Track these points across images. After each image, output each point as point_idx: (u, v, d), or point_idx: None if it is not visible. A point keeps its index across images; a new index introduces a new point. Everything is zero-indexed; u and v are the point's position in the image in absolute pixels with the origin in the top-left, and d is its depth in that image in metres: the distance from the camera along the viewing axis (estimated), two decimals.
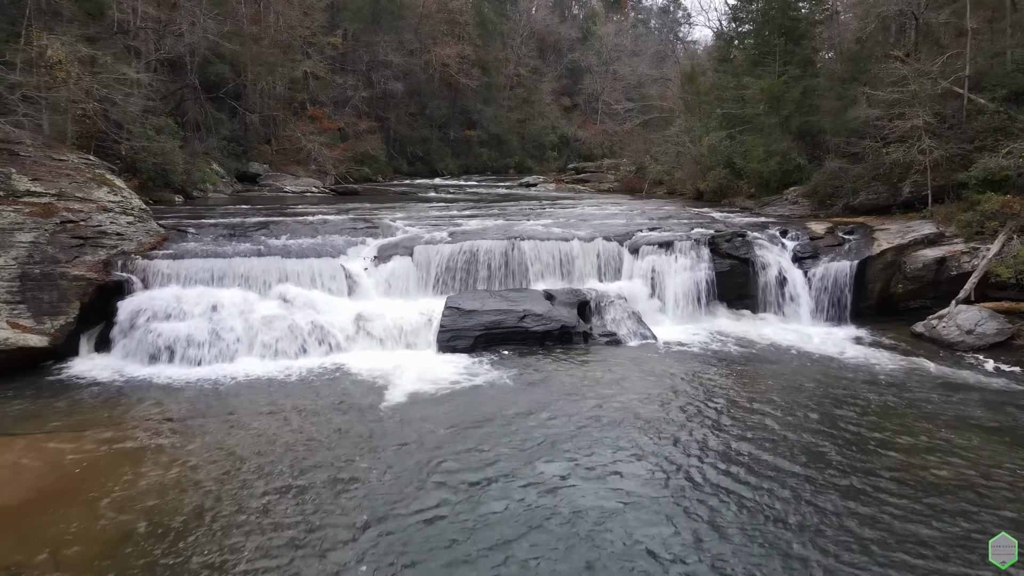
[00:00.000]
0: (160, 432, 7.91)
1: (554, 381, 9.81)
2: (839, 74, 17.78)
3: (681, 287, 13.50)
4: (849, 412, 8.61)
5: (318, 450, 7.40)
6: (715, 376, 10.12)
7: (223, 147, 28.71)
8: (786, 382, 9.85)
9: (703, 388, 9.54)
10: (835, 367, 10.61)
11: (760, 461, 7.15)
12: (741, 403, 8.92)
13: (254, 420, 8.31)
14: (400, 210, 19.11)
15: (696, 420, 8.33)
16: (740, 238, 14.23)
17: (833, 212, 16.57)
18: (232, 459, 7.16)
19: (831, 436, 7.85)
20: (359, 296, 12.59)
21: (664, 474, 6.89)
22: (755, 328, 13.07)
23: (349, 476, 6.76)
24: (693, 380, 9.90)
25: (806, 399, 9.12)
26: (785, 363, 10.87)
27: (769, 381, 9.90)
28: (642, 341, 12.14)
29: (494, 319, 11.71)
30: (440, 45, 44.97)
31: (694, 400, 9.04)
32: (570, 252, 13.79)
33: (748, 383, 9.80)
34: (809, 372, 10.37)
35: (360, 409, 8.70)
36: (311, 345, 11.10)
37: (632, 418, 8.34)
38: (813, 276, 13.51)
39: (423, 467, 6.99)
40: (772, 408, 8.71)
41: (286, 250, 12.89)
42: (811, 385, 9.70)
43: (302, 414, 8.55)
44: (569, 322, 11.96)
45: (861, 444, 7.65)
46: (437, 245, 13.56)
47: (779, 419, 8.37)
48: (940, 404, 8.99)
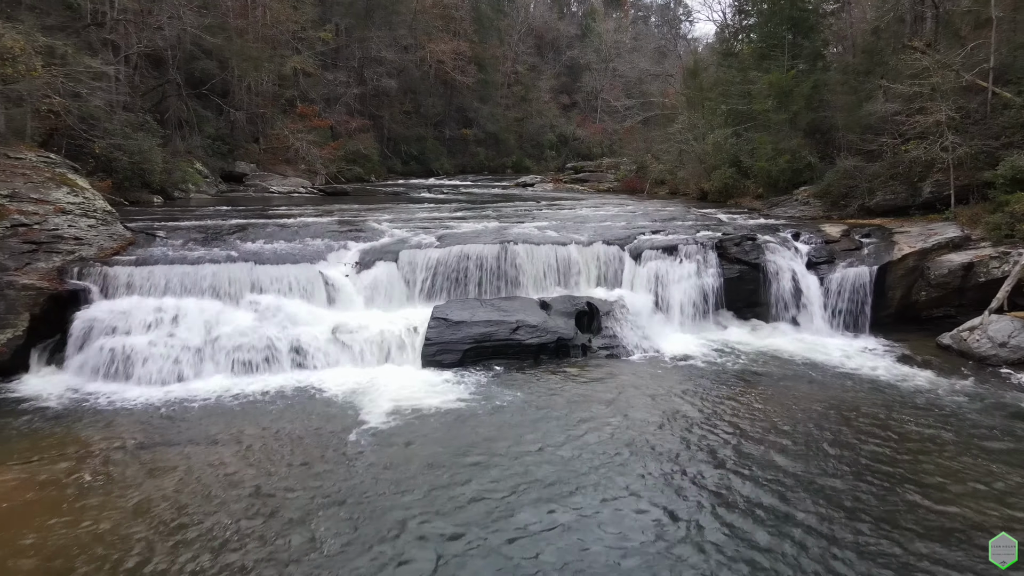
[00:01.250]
0: (103, 466, 7.03)
1: (548, 404, 8.93)
2: (853, 67, 16.93)
3: (686, 295, 12.65)
4: (878, 445, 7.65)
5: (273, 497, 6.46)
6: (724, 397, 9.25)
7: (208, 146, 27.83)
8: (804, 405, 8.98)
9: (711, 413, 8.66)
10: (857, 386, 9.73)
11: (775, 512, 6.13)
12: (754, 433, 8.03)
13: (211, 452, 7.42)
14: (389, 212, 18.25)
15: (703, 456, 7.43)
16: (749, 242, 13.37)
17: (847, 213, 15.72)
18: (171, 507, 6.21)
19: (858, 477, 6.82)
20: (339, 305, 11.71)
21: (665, 529, 5.97)
22: (767, 339, 12.21)
23: (300, 541, 5.64)
24: (701, 403, 9.03)
25: (827, 428, 8.23)
26: (801, 381, 10.00)
27: (785, 403, 9.03)
28: (645, 354, 11.28)
29: (484, 331, 10.84)
30: (435, 41, 44.09)
31: (701, 429, 8.16)
32: (567, 257, 12.93)
33: (762, 406, 8.92)
34: (829, 393, 9.49)
35: (329, 439, 7.82)
36: (284, 361, 10.23)
37: (632, 453, 7.43)
38: (829, 283, 12.65)
39: (391, 521, 6.05)
40: (789, 440, 7.80)
41: (260, 256, 12.03)
42: (831, 409, 8.81)
43: (264, 444, 7.68)
44: (566, 334, 11.10)
45: (897, 488, 6.65)
46: (424, 250, 12.69)
47: (797, 454, 7.46)
48: (983, 432, 8.09)
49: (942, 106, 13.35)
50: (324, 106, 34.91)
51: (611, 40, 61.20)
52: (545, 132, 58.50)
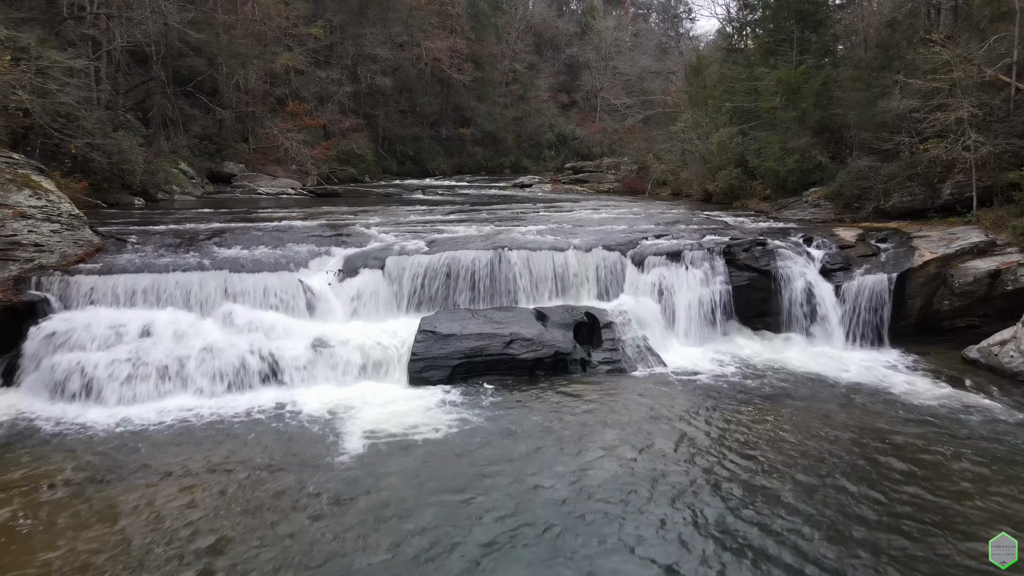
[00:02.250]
0: (39, 507, 6.28)
1: (544, 429, 8.19)
2: (867, 62, 16.20)
3: (692, 304, 11.91)
4: (912, 484, 6.81)
5: (231, 541, 5.75)
6: (737, 423, 8.50)
7: (195, 145, 27.09)
8: (825, 432, 8.23)
9: (724, 443, 7.90)
10: (882, 408, 8.98)
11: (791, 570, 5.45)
12: (771, 468, 7.26)
13: (168, 489, 6.67)
14: (378, 214, 17.50)
15: (716, 497, 6.63)
16: (760, 247, 12.63)
17: (861, 216, 14.98)
18: (109, 562, 5.48)
19: (892, 528, 6.00)
20: (320, 317, 10.97)
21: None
22: (779, 352, 11.47)
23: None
24: (711, 429, 8.27)
25: (853, 461, 7.46)
26: (819, 401, 9.25)
27: (804, 430, 8.28)
28: (649, 370, 10.54)
29: (476, 345, 10.10)
30: (431, 38, 43.34)
31: (713, 462, 7.39)
32: (565, 264, 12.19)
33: (778, 434, 8.18)
34: (851, 417, 8.74)
35: (303, 469, 7.08)
36: (258, 378, 9.49)
37: (639, 492, 6.64)
38: (845, 291, 11.91)
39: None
40: (809, 477, 6.99)
41: (237, 263, 11.28)
42: (855, 437, 8.03)
43: (231, 475, 6.95)
44: (563, 347, 10.36)
45: (936, 539, 5.94)
46: (413, 256, 11.95)
47: (819, 496, 6.66)
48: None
49: (964, 102, 12.61)
50: (316, 105, 34.15)
51: (611, 38, 60.48)
52: (544, 131, 57.72)
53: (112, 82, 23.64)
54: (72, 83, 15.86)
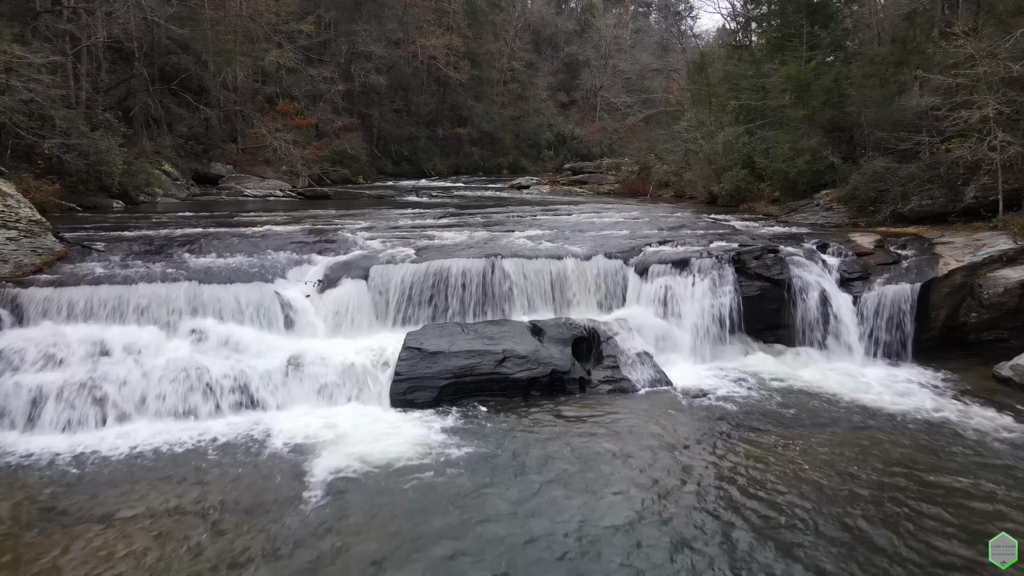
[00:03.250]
0: None
1: (540, 460, 7.43)
2: (882, 57, 15.43)
3: (700, 316, 11.14)
4: (953, 537, 6.09)
5: None
6: (749, 450, 7.73)
7: (180, 145, 26.30)
8: (849, 466, 7.44)
9: (735, 474, 7.14)
10: (909, 435, 8.19)
11: None
12: (789, 507, 6.47)
13: (112, 536, 5.90)
14: (367, 218, 16.72)
15: (726, 541, 5.92)
16: (771, 254, 11.86)
17: (877, 221, 14.21)
18: None
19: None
20: (298, 332, 10.20)
21: None
22: (793, 368, 10.70)
23: None
24: (721, 459, 7.50)
25: (879, 500, 6.66)
26: (840, 426, 8.47)
27: (824, 461, 7.51)
28: (653, 389, 9.77)
29: (465, 363, 9.33)
30: (427, 36, 42.53)
31: (724, 499, 6.63)
32: (563, 273, 11.42)
33: (794, 464, 7.40)
34: (876, 444, 7.96)
35: (266, 515, 6.31)
36: (226, 402, 8.72)
37: (646, 540, 5.89)
38: (864, 302, 11.14)
39: None
40: (832, 522, 6.22)
41: (209, 273, 10.51)
42: (881, 470, 7.25)
43: (182, 522, 6.18)
44: (561, 365, 9.59)
45: None
46: (399, 265, 11.18)
47: (841, 546, 5.96)
48: None
49: (989, 99, 11.85)
50: (307, 104, 33.35)
51: (611, 35, 59.75)
52: (542, 131, 57.00)
53: (93, 80, 22.90)
54: (43, 80, 15.07)
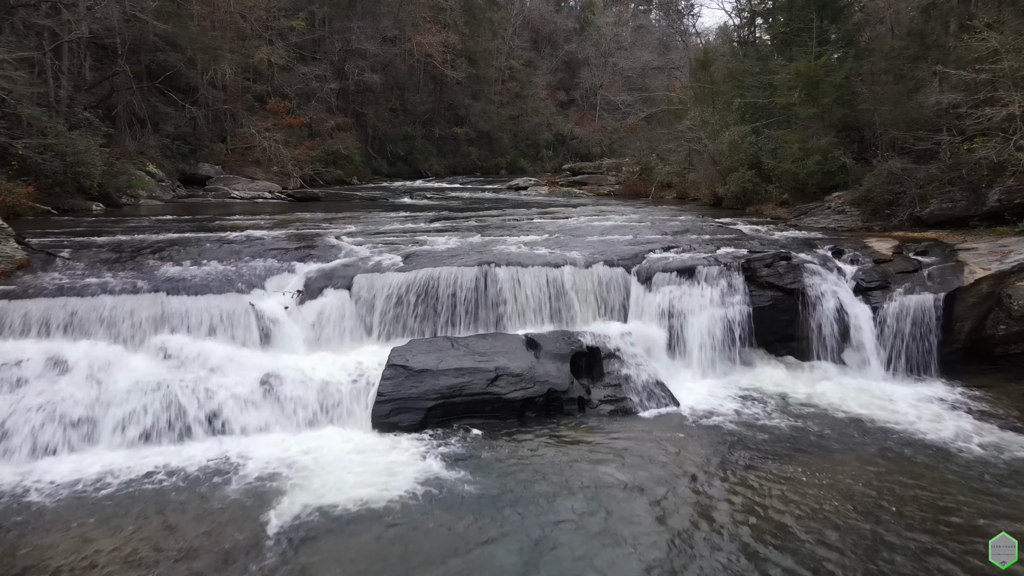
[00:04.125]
0: None
1: (544, 493, 6.75)
2: (898, 52, 14.75)
3: (708, 328, 10.46)
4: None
5: None
6: (766, 483, 7.04)
7: (166, 146, 25.61)
8: (875, 500, 6.76)
9: (751, 512, 6.46)
10: (944, 465, 7.48)
11: None
12: (811, 552, 5.83)
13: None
14: (356, 221, 16.04)
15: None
16: (784, 262, 11.18)
17: (893, 225, 13.54)
18: None
19: None
20: (275, 347, 9.52)
21: None
22: (808, 384, 10.02)
23: None
24: (735, 493, 6.82)
25: (916, 548, 6.02)
26: (865, 453, 7.78)
27: (848, 493, 6.83)
28: (658, 410, 9.09)
29: (455, 382, 8.65)
30: (422, 33, 41.83)
31: (740, 541, 5.96)
32: (561, 282, 10.73)
33: (816, 499, 6.72)
34: (907, 474, 7.27)
35: (226, 563, 5.62)
36: (194, 426, 8.04)
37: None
38: (884, 313, 10.46)
39: None
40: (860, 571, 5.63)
41: (180, 283, 9.83)
42: (916, 509, 6.56)
43: (130, 572, 5.48)
44: (558, 384, 8.90)
45: None
46: (385, 274, 10.49)
47: None
48: None
49: (1016, 96, 11.18)
50: (300, 102, 32.64)
51: (611, 33, 59.07)
52: (541, 131, 56.34)
53: (75, 77, 22.23)
54: (15, 78, 14.39)
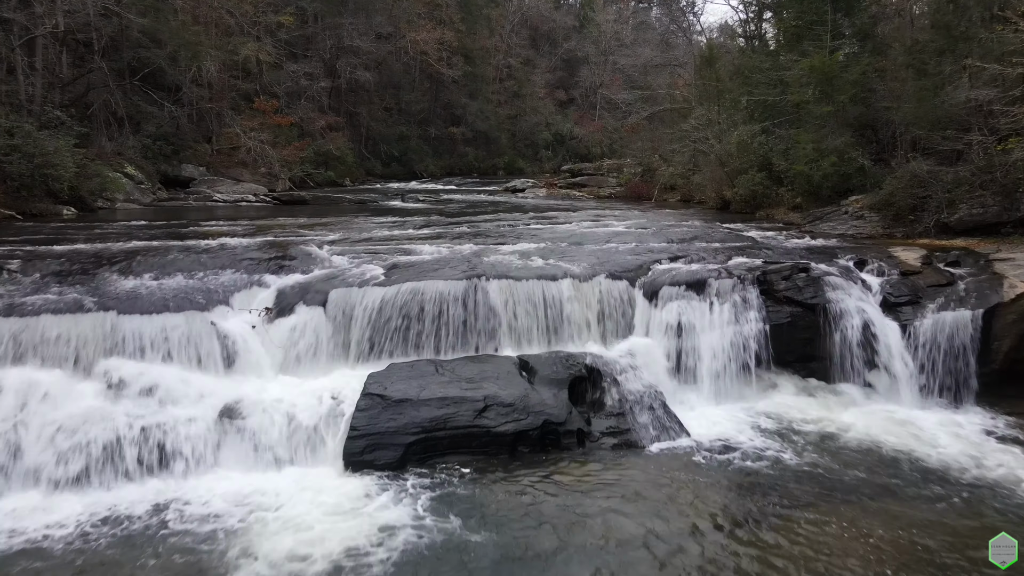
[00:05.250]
0: None
1: (548, 550, 5.85)
2: (922, 45, 13.86)
3: (721, 349, 9.56)
4: None
5: None
6: (792, 538, 6.13)
7: (148, 146, 24.71)
8: (923, 562, 5.87)
9: (771, 568, 5.56)
10: (992, 510, 6.60)
11: None
12: None
13: None
14: (341, 227, 15.13)
15: None
16: (803, 274, 10.28)
17: (917, 231, 12.64)
18: None
19: None
20: (239, 372, 8.61)
21: None
22: (832, 411, 9.12)
23: None
24: (759, 549, 5.91)
25: None
26: (905, 498, 6.86)
27: (891, 554, 5.92)
28: (667, 442, 8.20)
29: (438, 414, 7.75)
30: (417, 29, 40.92)
31: None
32: (559, 297, 9.82)
33: (853, 561, 5.81)
34: (963, 523, 6.38)
35: None
36: (139, 465, 7.17)
37: None
38: (915, 332, 9.56)
39: None
40: None
41: (136, 299, 8.91)
42: (964, 568, 5.70)
43: None
44: (555, 414, 8.00)
45: None
46: (365, 289, 9.58)
47: None
48: None
49: None
50: (289, 101, 31.73)
51: (611, 31, 58.23)
52: (540, 130, 55.50)
53: (50, 74, 21.35)
54: None
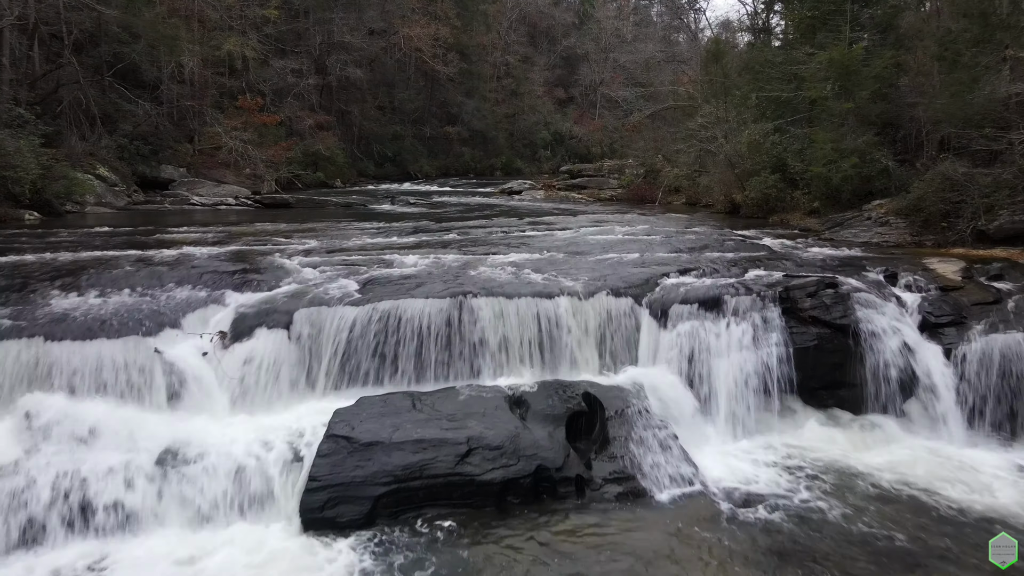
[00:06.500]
0: None
1: None
2: (954, 36, 12.81)
3: (739, 375, 8.49)
4: None
5: None
6: None
7: (123, 146, 23.67)
8: None
9: None
10: None
11: None
12: None
13: None
14: (320, 235, 14.06)
15: None
16: (830, 290, 9.21)
17: (951, 240, 11.59)
18: None
19: None
20: (186, 407, 7.56)
21: None
22: (869, 449, 8.06)
23: None
24: None
25: None
26: (962, 562, 5.80)
27: None
28: (680, 490, 7.11)
29: (414, 460, 6.68)
30: (411, 25, 39.84)
31: None
32: (555, 317, 8.76)
33: None
34: None
35: None
36: (55, 524, 6.07)
37: None
38: (961, 357, 8.49)
39: None
40: None
41: (70, 322, 7.86)
42: None
43: None
44: (550, 458, 6.94)
45: None
46: (335, 308, 8.52)
47: None
48: None
49: None
50: (275, 99, 30.66)
51: (611, 28, 57.21)
52: (538, 130, 54.45)
53: (17, 70, 20.32)
54: None
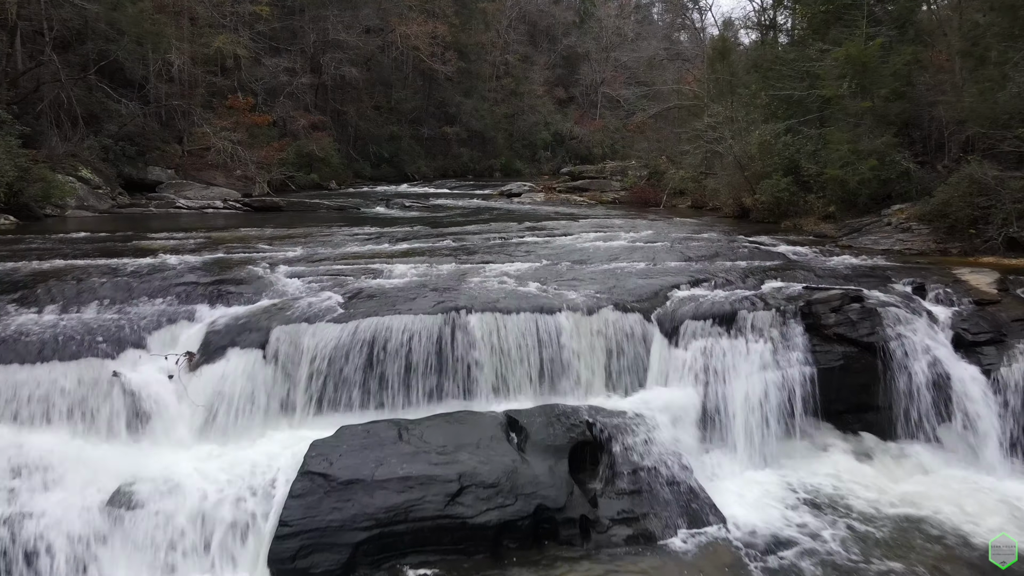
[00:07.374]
0: None
1: None
2: (982, 30, 12.11)
3: (759, 399, 7.80)
4: None
5: None
6: None
7: (108, 147, 22.98)
8: None
9: None
10: None
11: None
12: None
13: None
14: (307, 241, 13.36)
15: None
16: (856, 304, 8.52)
17: (978, 247, 10.92)
18: None
19: None
20: (148, 438, 6.88)
21: None
22: (902, 481, 7.37)
23: None
24: None
25: None
26: None
27: None
28: (696, 530, 6.43)
29: (398, 501, 5.99)
30: (407, 23, 39.17)
31: None
32: (556, 335, 8.05)
33: None
34: None
35: None
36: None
37: None
38: (1002, 379, 7.80)
39: None
40: None
41: (19, 342, 7.18)
42: None
43: None
44: (551, 497, 6.25)
45: None
46: (315, 325, 7.81)
47: None
48: None
49: None
50: (267, 98, 29.99)
51: (612, 26, 56.58)
52: (538, 130, 53.80)
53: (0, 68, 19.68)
54: None
